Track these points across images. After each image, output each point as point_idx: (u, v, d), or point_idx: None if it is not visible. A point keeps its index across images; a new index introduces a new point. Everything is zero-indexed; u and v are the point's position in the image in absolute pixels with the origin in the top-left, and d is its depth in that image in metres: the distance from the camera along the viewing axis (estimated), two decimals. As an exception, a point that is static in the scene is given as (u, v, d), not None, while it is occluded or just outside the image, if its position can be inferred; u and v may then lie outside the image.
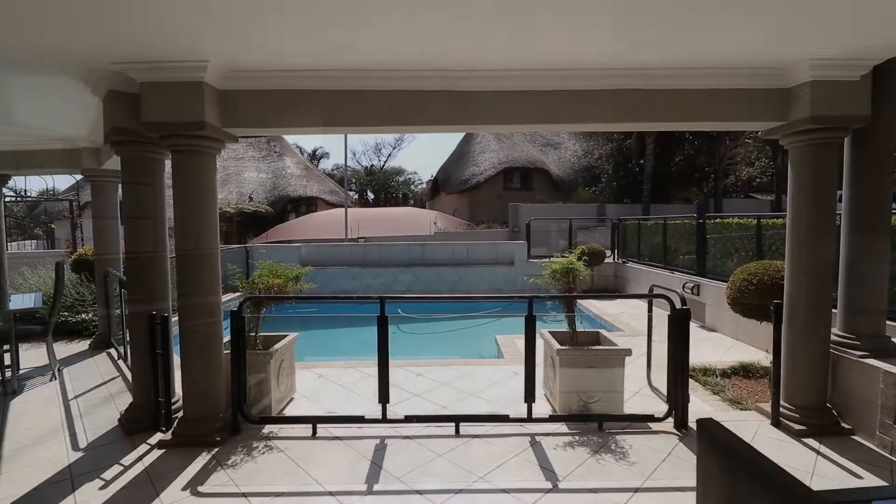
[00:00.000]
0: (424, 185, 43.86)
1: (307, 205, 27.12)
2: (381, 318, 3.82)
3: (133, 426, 4.04)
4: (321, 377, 5.43)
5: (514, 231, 19.89)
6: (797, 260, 3.83)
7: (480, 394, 4.86)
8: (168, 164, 4.02)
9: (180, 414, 3.98)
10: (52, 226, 19.28)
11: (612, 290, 11.65)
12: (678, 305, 3.81)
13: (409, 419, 3.88)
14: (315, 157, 43.48)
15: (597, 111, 3.71)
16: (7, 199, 18.95)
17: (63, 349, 6.82)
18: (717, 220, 7.94)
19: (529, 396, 3.85)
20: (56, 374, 5.59)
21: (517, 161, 26.34)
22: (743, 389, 5.05)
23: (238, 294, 4.82)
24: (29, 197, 24.16)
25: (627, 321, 8.22)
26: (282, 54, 3.38)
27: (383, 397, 3.85)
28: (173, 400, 4.07)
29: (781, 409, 3.91)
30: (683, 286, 8.06)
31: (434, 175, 33.00)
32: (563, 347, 4.25)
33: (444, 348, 8.75)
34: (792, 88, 3.72)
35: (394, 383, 5.05)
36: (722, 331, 7.22)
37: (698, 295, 7.86)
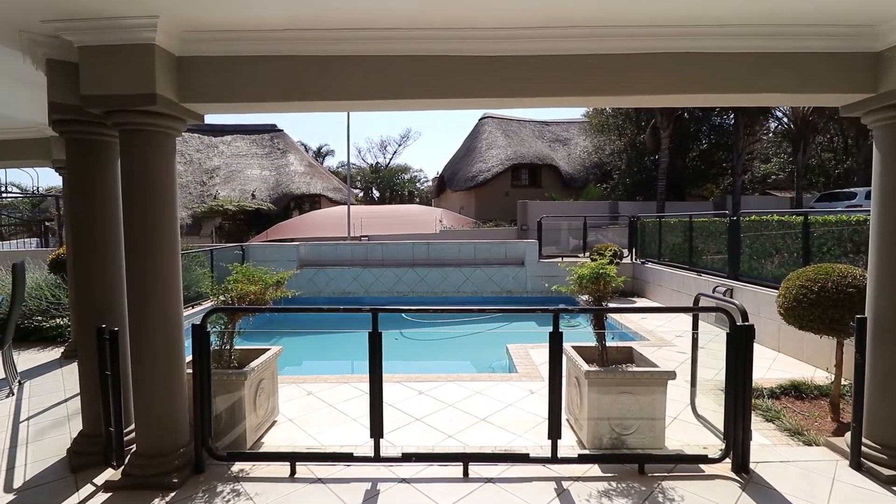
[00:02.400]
0: (430, 183, 43.16)
1: (311, 202, 26.52)
2: (373, 334, 3.14)
3: (80, 460, 3.40)
4: (310, 394, 4.78)
5: (523, 229, 19.16)
6: (887, 265, 3.11)
7: (492, 418, 4.18)
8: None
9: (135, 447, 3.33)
10: (47, 224, 18.80)
11: (630, 292, 10.92)
12: (739, 321, 3.10)
13: (406, 458, 3.19)
14: (320, 154, 42.85)
15: (643, 80, 3.00)
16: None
17: (33, 358, 6.24)
18: (753, 217, 7.18)
19: (554, 432, 3.15)
20: (14, 389, 4.98)
21: (525, 157, 25.55)
22: (798, 414, 4.34)
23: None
24: (11, 193, 23.70)
25: (651, 328, 7.49)
26: (252, 7, 2.71)
27: (376, 431, 3.16)
28: (127, 430, 3.43)
29: (863, 448, 3.19)
30: (714, 290, 7.32)
31: (440, 172, 32.28)
32: (593, 368, 3.55)
33: (449, 355, 8.08)
34: (883, 52, 2.99)
35: (391, 403, 4.40)
36: (761, 341, 6.45)
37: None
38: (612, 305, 3.91)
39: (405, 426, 4.03)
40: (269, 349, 4.07)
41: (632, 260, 11.66)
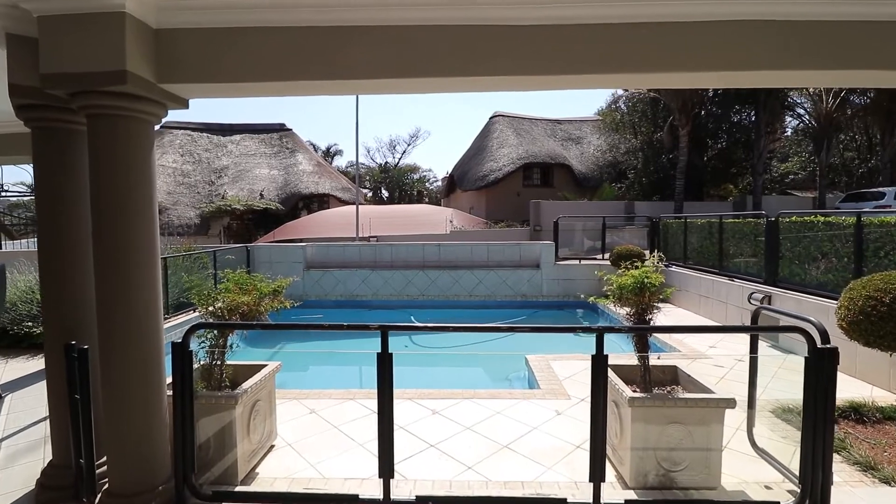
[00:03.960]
0: (440, 183, 42.69)
1: (319, 202, 26.20)
2: (382, 355, 2.67)
3: (49, 495, 2.97)
4: (313, 413, 4.33)
5: (536, 230, 18.61)
6: None
7: (516, 445, 3.70)
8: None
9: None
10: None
11: (651, 296, 10.38)
12: (819, 342, 2.59)
13: (421, 502, 2.71)
14: (328, 153, 42.56)
15: (700, 52, 2.49)
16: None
17: (22, 367, 5.87)
18: (794, 217, 6.62)
19: (597, 475, 2.66)
20: (-7, 403, 4.59)
21: (537, 156, 24.99)
22: (863, 442, 3.80)
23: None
24: (13, 192, 23.52)
25: (680, 338, 6.95)
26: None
27: (385, 469, 2.69)
28: (100, 462, 3.00)
29: (967, 495, 2.67)
30: (750, 297, 6.77)
31: (450, 172, 31.79)
32: (637, 395, 3.06)
33: (462, 363, 7.59)
34: None
35: (402, 425, 3.94)
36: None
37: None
38: (655, 324, 3.41)
39: (418, 454, 3.57)
40: (265, 365, 3.63)
41: (654, 263, 11.10)
